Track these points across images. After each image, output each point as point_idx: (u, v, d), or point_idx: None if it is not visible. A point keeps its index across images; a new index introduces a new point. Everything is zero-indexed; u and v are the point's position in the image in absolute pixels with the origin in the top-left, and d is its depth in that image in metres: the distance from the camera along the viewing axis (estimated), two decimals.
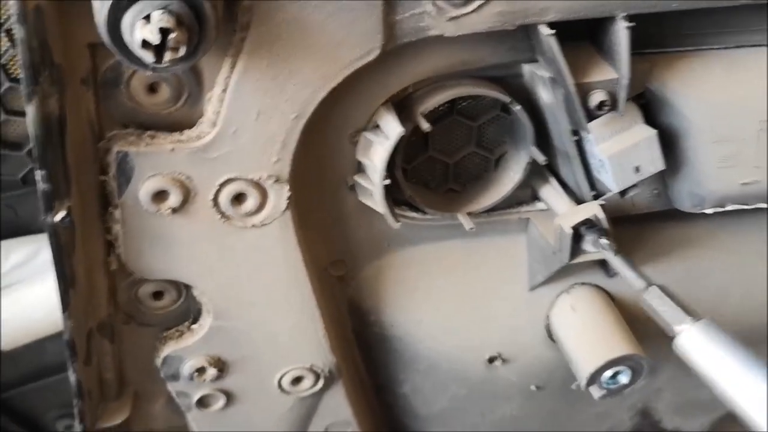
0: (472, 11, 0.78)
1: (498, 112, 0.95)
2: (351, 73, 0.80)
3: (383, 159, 0.86)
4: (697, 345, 0.74)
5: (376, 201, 0.90)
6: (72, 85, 0.77)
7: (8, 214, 1.10)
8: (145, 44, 0.66)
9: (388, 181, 0.88)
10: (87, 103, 0.79)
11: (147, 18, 0.64)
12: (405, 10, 0.77)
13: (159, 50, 0.67)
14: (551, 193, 0.98)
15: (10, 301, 1.16)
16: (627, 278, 0.86)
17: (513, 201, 1.00)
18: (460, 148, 0.97)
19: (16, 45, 0.99)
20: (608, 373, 0.96)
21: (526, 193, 1.01)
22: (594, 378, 0.96)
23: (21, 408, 1.32)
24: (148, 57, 0.66)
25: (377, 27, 0.77)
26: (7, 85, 1.00)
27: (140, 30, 0.65)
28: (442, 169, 0.99)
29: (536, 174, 0.99)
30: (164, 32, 0.65)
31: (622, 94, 0.85)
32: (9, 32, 0.98)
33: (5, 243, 1.12)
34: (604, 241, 0.88)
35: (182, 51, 0.67)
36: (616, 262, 0.88)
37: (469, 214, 0.97)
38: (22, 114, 1.03)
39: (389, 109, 0.87)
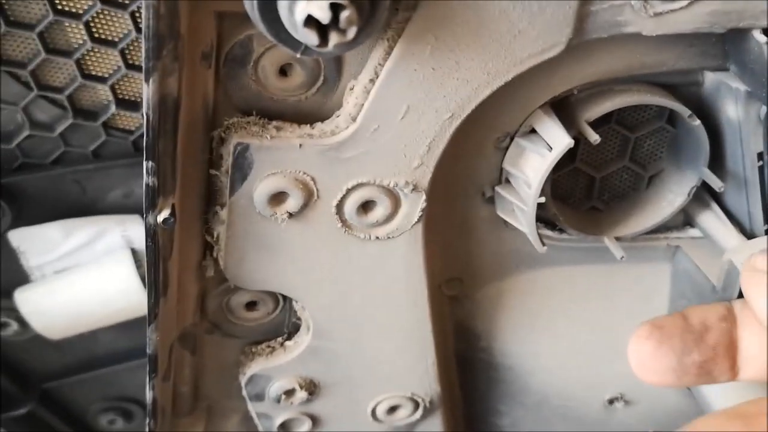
0: (682, 8, 0.64)
1: (662, 123, 0.81)
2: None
3: (542, 172, 0.72)
4: None
5: (523, 219, 0.77)
6: (191, 60, 0.63)
7: (75, 190, 0.96)
8: (309, 21, 0.52)
9: (542, 199, 0.74)
10: (204, 82, 0.65)
11: None
12: (604, 0, 0.63)
13: (323, 30, 0.53)
14: (713, 221, 0.84)
15: (66, 286, 1.03)
16: None
17: (662, 226, 0.86)
18: (611, 161, 0.84)
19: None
20: None
21: (677, 218, 0.87)
22: None
23: (62, 400, 1.20)
24: (311, 38, 0.53)
25: (569, 18, 0.63)
26: (89, 45, 0.86)
27: (307, 3, 0.51)
28: (586, 184, 0.85)
29: (693, 198, 0.85)
30: (334, 8, 0.52)
31: None
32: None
33: (67, 222, 0.98)
34: None
35: (351, 33, 0.53)
36: None
37: (617, 238, 0.83)
38: (102, 80, 0.89)
39: (550, 114, 0.73)
